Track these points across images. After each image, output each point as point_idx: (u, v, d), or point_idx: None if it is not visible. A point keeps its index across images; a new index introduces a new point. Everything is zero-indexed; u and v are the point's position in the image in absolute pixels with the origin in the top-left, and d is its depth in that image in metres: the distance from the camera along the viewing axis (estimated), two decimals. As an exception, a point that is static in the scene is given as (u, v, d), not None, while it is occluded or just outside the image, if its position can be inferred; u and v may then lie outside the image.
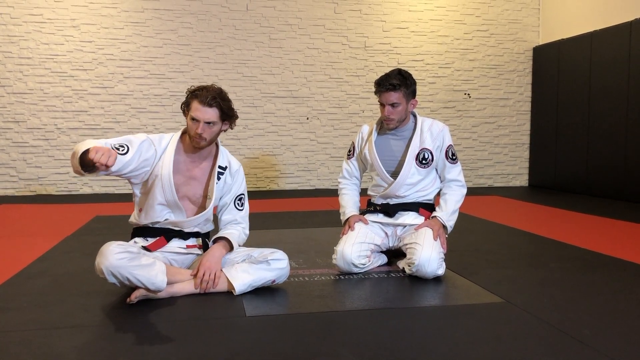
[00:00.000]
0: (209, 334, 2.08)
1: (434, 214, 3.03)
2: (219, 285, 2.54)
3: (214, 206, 2.69)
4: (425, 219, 3.04)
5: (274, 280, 2.61)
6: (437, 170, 3.12)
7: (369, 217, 3.13)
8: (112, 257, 2.28)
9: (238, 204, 2.73)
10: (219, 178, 2.63)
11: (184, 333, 2.09)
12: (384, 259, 3.15)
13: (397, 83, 2.91)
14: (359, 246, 2.95)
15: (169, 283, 2.45)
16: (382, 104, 2.98)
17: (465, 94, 7.81)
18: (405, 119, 3.05)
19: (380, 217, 3.12)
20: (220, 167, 2.64)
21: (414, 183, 3.06)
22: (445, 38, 7.70)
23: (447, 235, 3.01)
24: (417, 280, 2.83)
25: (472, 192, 5.52)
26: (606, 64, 6.48)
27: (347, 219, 3.11)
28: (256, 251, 2.67)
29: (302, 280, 2.83)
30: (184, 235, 2.65)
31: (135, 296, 2.37)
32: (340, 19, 7.43)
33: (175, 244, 2.63)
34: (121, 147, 2.43)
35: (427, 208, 3.10)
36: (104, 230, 4.26)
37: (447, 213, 3.01)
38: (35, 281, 2.81)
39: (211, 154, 2.66)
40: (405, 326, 2.19)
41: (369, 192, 3.23)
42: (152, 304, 2.39)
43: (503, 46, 7.84)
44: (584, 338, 2.02)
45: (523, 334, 2.08)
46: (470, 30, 7.75)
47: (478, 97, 7.85)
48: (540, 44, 7.83)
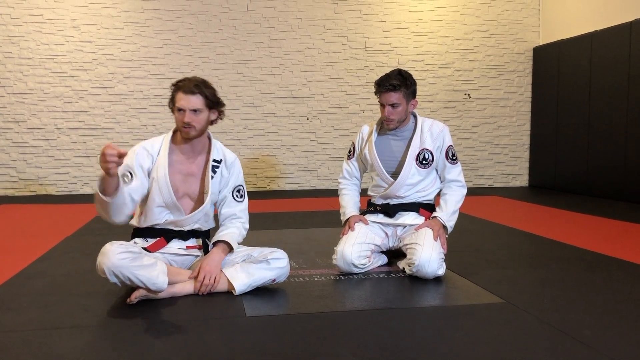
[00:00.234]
0: (209, 334, 2.08)
1: (434, 214, 3.03)
2: (219, 286, 2.54)
3: (214, 202, 2.69)
4: (425, 219, 3.04)
5: (274, 280, 2.61)
6: (437, 170, 3.12)
7: (369, 217, 3.13)
8: (114, 257, 2.28)
9: (237, 196, 2.72)
10: (214, 172, 2.63)
11: (184, 333, 2.09)
12: (384, 259, 3.15)
13: (397, 83, 2.91)
14: (359, 246, 2.95)
15: (170, 283, 2.45)
16: (382, 105, 2.99)
17: (465, 94, 7.81)
18: (405, 119, 3.05)
19: (381, 218, 3.11)
20: (214, 160, 2.64)
21: (414, 183, 3.06)
22: (445, 38, 7.70)
23: (447, 236, 3.01)
24: (417, 280, 2.83)
25: (472, 192, 5.52)
26: (606, 65, 6.48)
27: (347, 219, 3.11)
28: (256, 251, 2.68)
29: (302, 281, 2.83)
30: (184, 236, 2.65)
31: (135, 296, 2.37)
32: (340, 19, 7.43)
33: (175, 245, 2.63)
34: (125, 176, 2.44)
35: (427, 208, 3.10)
36: (104, 230, 4.26)
37: (448, 213, 3.01)
38: (36, 281, 2.81)
39: (205, 149, 2.66)
40: (406, 326, 2.19)
41: (369, 193, 3.23)
42: (153, 304, 2.40)
43: (503, 46, 7.84)
44: (584, 338, 2.02)
45: (523, 335, 2.08)
46: (470, 31, 7.75)
47: (478, 97, 7.85)
48: (540, 44, 7.83)
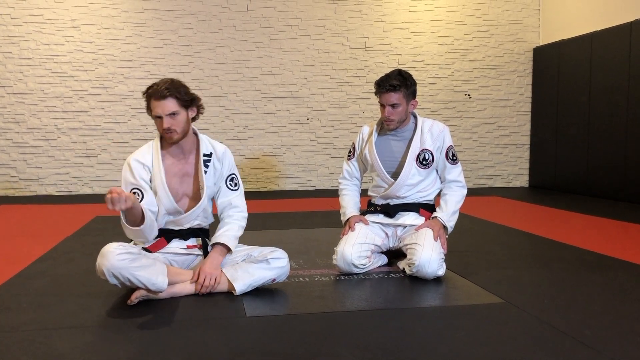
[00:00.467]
0: (209, 334, 2.08)
1: (435, 214, 3.03)
2: (220, 286, 2.54)
3: (211, 196, 2.69)
4: (425, 220, 3.04)
5: (274, 279, 2.61)
6: (437, 171, 3.12)
7: (370, 217, 3.13)
8: (114, 259, 2.28)
9: (230, 184, 2.73)
10: (206, 166, 2.63)
11: (184, 333, 2.09)
12: (384, 259, 3.15)
13: (397, 84, 2.91)
14: (359, 247, 2.95)
15: (170, 284, 2.45)
16: (383, 105, 2.99)
17: (465, 94, 7.81)
18: (405, 119, 3.05)
19: (381, 218, 3.11)
20: (205, 154, 2.64)
21: (415, 184, 3.06)
22: (445, 39, 7.70)
23: (447, 236, 3.01)
24: (418, 280, 2.83)
25: (472, 192, 5.52)
26: (606, 65, 6.48)
27: (348, 219, 3.10)
28: (256, 250, 2.68)
29: (302, 281, 2.83)
30: (184, 235, 2.65)
31: (135, 297, 2.37)
32: (340, 19, 7.43)
33: (176, 245, 2.64)
34: (135, 194, 2.46)
35: (427, 209, 3.10)
36: (104, 230, 4.26)
37: (448, 214, 3.01)
38: (36, 281, 2.81)
39: (194, 146, 2.66)
40: (406, 327, 2.18)
41: (369, 193, 3.23)
42: (153, 304, 2.40)
43: (503, 47, 7.84)
44: (584, 338, 2.02)
45: (523, 335, 2.08)
46: (470, 31, 7.75)
47: (478, 97, 7.85)
48: (540, 44, 7.83)
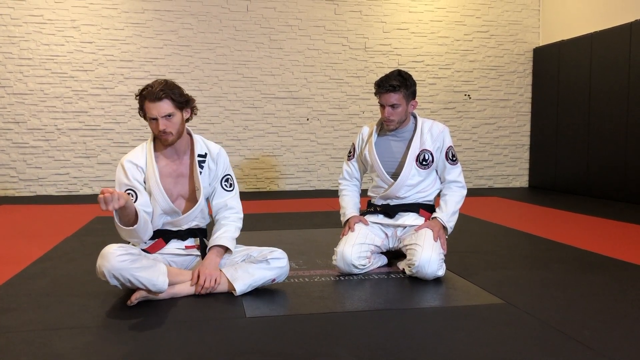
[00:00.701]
0: (209, 335, 2.08)
1: (434, 215, 3.03)
2: (220, 287, 2.54)
3: (207, 197, 2.69)
4: (425, 220, 3.04)
5: (274, 280, 2.61)
6: (437, 171, 3.13)
7: (369, 218, 3.13)
8: (114, 260, 2.28)
9: (225, 185, 2.72)
10: (201, 167, 2.63)
11: (184, 334, 2.09)
12: (384, 260, 3.15)
13: (397, 84, 2.91)
14: (359, 247, 2.95)
15: (170, 284, 2.45)
16: (382, 105, 2.99)
17: (465, 95, 7.82)
18: (405, 120, 3.05)
19: (381, 218, 3.11)
20: (199, 155, 2.64)
21: (414, 184, 3.06)
22: (445, 39, 7.70)
23: (447, 237, 3.01)
24: (417, 281, 2.83)
25: (472, 193, 5.52)
26: (606, 65, 6.48)
27: (347, 219, 3.11)
28: (255, 250, 2.68)
29: (302, 282, 2.83)
30: (182, 236, 2.65)
31: (135, 297, 2.37)
32: (340, 20, 7.43)
33: (174, 245, 2.64)
34: (129, 194, 2.43)
35: (427, 209, 3.10)
36: (104, 231, 4.26)
37: (448, 214, 3.01)
38: (36, 282, 2.81)
39: (188, 147, 2.66)
40: (405, 327, 2.19)
41: (369, 193, 3.23)
42: (153, 304, 2.40)
43: (503, 47, 7.84)
44: (584, 339, 2.02)
45: (523, 335, 2.08)
46: (470, 32, 7.75)
47: (478, 98, 7.85)
48: (540, 45, 7.83)
